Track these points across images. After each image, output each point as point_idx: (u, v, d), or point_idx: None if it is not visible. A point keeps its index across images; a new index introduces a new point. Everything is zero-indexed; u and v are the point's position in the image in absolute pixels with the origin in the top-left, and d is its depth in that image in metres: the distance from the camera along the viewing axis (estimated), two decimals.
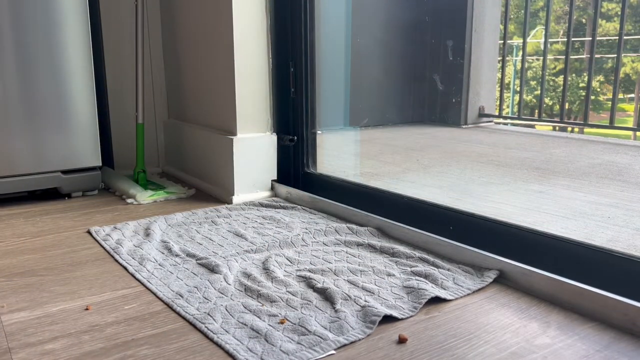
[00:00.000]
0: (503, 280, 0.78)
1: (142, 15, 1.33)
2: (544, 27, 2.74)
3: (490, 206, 1.30)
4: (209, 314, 0.68)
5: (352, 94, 2.58)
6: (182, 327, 0.66)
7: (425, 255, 0.86)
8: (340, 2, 1.68)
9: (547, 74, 3.06)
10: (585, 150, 2.05)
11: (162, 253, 0.90)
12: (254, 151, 1.24)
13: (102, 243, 0.95)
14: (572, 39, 2.53)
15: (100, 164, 1.30)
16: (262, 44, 1.24)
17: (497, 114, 2.84)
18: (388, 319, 0.67)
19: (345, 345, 0.61)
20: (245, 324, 0.65)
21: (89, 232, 1.02)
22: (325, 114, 1.50)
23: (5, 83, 1.17)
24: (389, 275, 0.79)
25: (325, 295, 0.73)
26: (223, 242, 0.96)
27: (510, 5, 2.81)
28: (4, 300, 0.73)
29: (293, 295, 0.73)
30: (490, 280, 0.77)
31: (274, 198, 1.26)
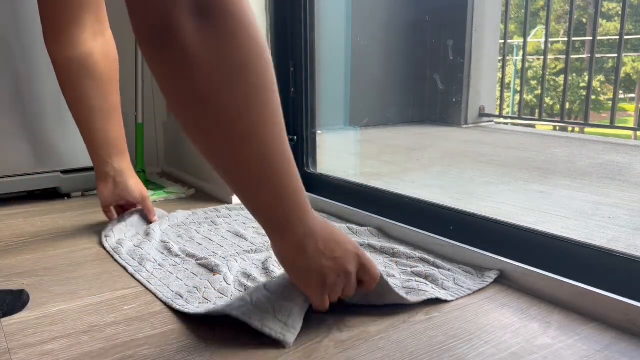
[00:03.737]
0: (503, 280, 0.78)
1: None
2: (544, 27, 2.74)
3: (491, 206, 1.29)
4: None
5: (352, 94, 2.58)
6: (181, 327, 0.66)
7: (425, 256, 0.85)
8: (340, 2, 1.67)
9: (547, 73, 3.06)
10: (585, 150, 2.05)
11: (162, 253, 0.90)
12: None
13: (102, 243, 0.95)
14: (573, 39, 2.52)
15: None
16: None
17: (497, 113, 2.83)
18: None
19: None
20: None
21: (88, 232, 1.02)
22: (325, 114, 1.50)
23: (4, 82, 1.17)
24: (389, 275, 0.79)
25: None
26: (223, 242, 0.95)
27: (511, 5, 2.81)
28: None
29: None
30: (491, 280, 0.77)
31: None
